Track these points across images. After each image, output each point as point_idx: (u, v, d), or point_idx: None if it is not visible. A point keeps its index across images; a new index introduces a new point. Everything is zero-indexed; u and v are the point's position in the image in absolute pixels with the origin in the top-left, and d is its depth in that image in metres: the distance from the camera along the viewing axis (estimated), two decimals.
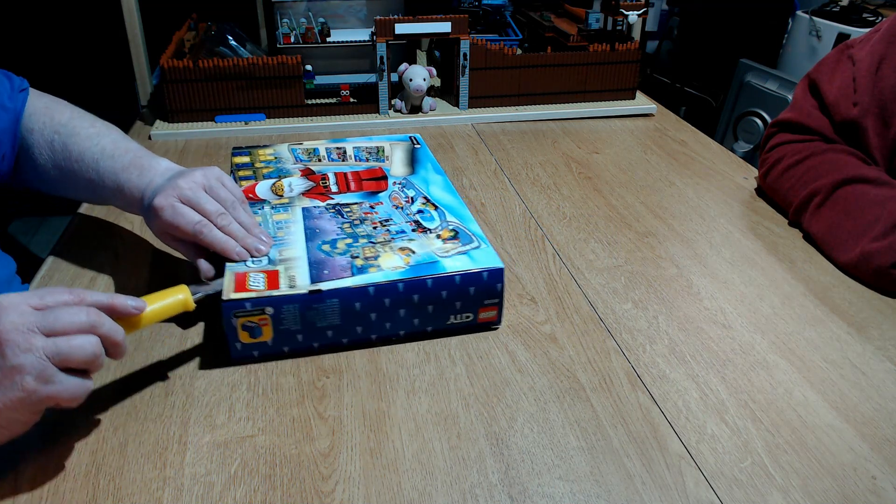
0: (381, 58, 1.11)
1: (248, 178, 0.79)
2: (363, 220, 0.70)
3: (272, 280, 0.60)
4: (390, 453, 0.52)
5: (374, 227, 0.69)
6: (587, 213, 0.88)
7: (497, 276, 0.63)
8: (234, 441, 0.53)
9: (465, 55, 1.14)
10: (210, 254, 0.64)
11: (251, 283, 0.60)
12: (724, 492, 0.50)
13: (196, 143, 1.08)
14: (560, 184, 0.96)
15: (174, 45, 1.14)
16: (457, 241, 0.66)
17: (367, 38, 1.19)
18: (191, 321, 0.66)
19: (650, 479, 0.50)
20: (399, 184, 0.78)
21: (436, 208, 0.73)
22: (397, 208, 0.73)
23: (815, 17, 2.04)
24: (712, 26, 2.30)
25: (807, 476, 0.51)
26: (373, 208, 0.73)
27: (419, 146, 0.87)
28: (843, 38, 1.95)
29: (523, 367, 0.61)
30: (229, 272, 0.62)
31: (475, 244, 0.66)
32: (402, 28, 1.10)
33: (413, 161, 0.83)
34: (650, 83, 2.43)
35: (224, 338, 0.60)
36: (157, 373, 0.60)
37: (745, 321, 0.68)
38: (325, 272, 0.62)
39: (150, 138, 1.09)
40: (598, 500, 0.49)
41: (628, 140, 1.11)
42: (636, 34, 1.23)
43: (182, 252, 0.66)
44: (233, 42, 1.19)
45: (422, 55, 1.41)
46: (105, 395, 0.57)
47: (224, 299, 0.58)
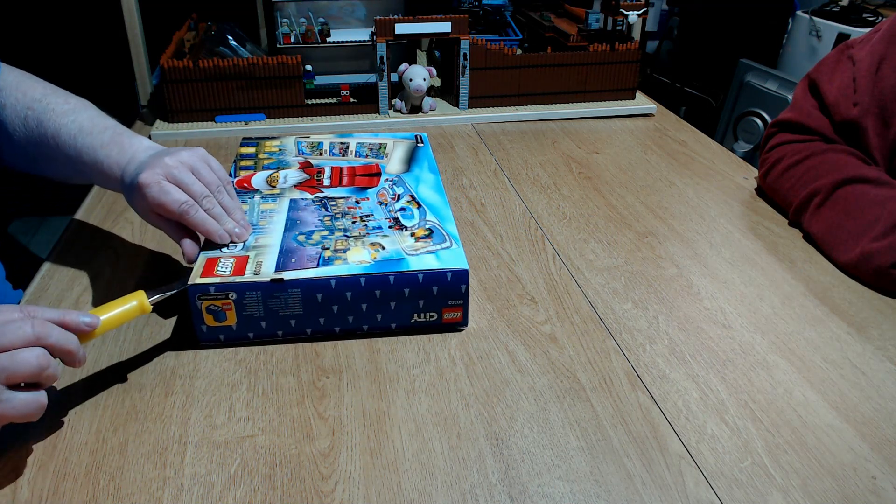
0: (381, 58, 1.11)
1: (248, 167, 0.80)
2: (345, 214, 0.70)
3: (239, 266, 0.61)
4: (390, 453, 0.52)
5: (354, 222, 0.69)
6: (587, 213, 0.88)
7: (462, 277, 0.63)
8: (234, 441, 0.53)
9: (465, 55, 1.14)
10: (194, 234, 0.65)
11: (219, 268, 0.61)
12: (724, 492, 0.50)
13: (196, 143, 1.08)
14: (560, 184, 0.96)
15: (174, 45, 1.14)
16: (429, 240, 0.66)
17: (367, 38, 1.19)
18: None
19: (650, 479, 0.50)
20: (391, 181, 0.78)
21: (419, 207, 0.73)
22: (381, 204, 0.73)
23: (815, 17, 2.04)
24: (712, 26, 2.30)
25: (807, 476, 0.51)
26: (358, 203, 0.73)
27: (422, 145, 0.87)
28: (843, 38, 1.95)
29: (523, 367, 0.61)
30: (203, 256, 0.63)
31: (447, 244, 0.66)
32: (402, 28, 1.10)
33: (411, 159, 0.83)
34: (650, 83, 2.43)
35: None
36: (158, 372, 0.60)
37: (745, 321, 0.68)
38: (293, 261, 0.62)
39: (150, 138, 1.09)
40: (598, 500, 0.49)
41: (628, 140, 1.11)
42: (636, 34, 1.23)
43: (165, 230, 0.65)
44: (233, 42, 1.20)
45: (422, 55, 1.41)
46: (105, 395, 0.57)
47: (189, 283, 0.59)
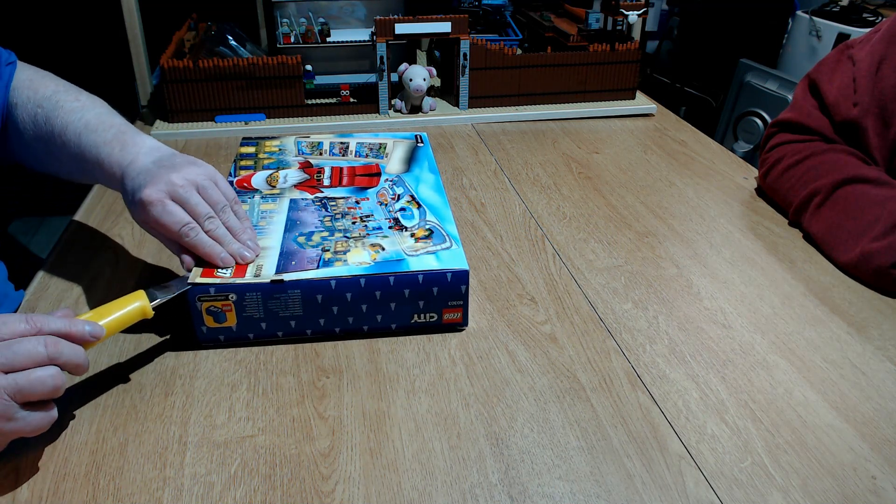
0: (381, 58, 1.11)
1: (248, 167, 0.80)
2: (345, 215, 0.70)
3: (240, 267, 0.61)
4: (390, 453, 0.52)
5: (354, 222, 0.69)
6: (587, 213, 0.88)
7: (462, 277, 0.63)
8: (234, 441, 0.53)
9: (465, 55, 1.14)
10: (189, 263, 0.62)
11: (219, 269, 0.61)
12: (724, 492, 0.50)
13: (196, 143, 1.08)
14: (560, 184, 0.96)
15: (174, 45, 1.14)
16: (429, 241, 0.66)
17: (367, 38, 1.19)
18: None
19: (650, 479, 0.50)
20: (391, 181, 0.78)
21: (419, 207, 0.72)
22: (381, 205, 0.73)
23: (815, 17, 2.04)
24: (712, 26, 2.30)
25: (807, 476, 0.51)
26: (358, 203, 0.73)
27: (422, 145, 0.87)
28: (843, 38, 1.95)
29: (523, 367, 0.61)
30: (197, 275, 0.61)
31: (447, 245, 0.66)
32: (402, 28, 1.10)
33: (411, 159, 0.83)
34: (650, 83, 2.43)
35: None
36: (158, 372, 0.60)
37: (745, 321, 0.68)
38: (293, 263, 0.62)
39: None
40: (598, 500, 0.49)
41: (628, 140, 1.11)
42: (636, 34, 1.23)
43: (164, 243, 0.64)
44: (233, 42, 1.20)
45: (422, 55, 1.41)
46: (105, 395, 0.57)
47: (189, 283, 0.59)
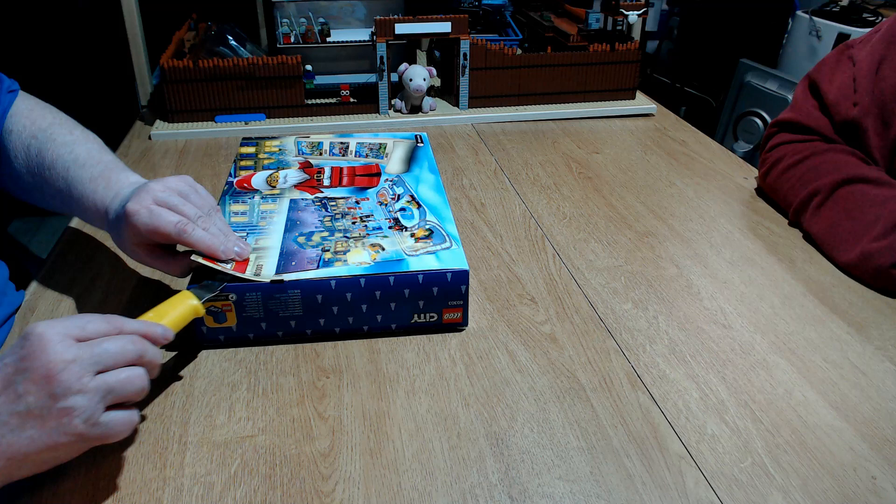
0: (381, 58, 1.11)
1: (248, 167, 0.80)
2: (345, 215, 0.70)
3: (240, 268, 0.61)
4: (390, 453, 0.52)
5: (354, 223, 0.69)
6: (587, 213, 0.88)
7: (462, 277, 0.63)
8: (234, 441, 0.53)
9: (465, 55, 1.14)
10: (184, 263, 0.62)
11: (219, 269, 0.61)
12: (724, 492, 0.50)
13: (196, 143, 1.08)
14: (560, 184, 0.96)
15: (174, 45, 1.14)
16: (429, 241, 0.66)
17: (367, 38, 1.19)
18: None
19: (650, 479, 0.50)
20: (391, 181, 0.78)
21: (419, 207, 0.72)
22: (381, 205, 0.73)
23: (815, 17, 2.04)
24: (712, 26, 2.30)
25: (807, 476, 0.51)
26: (358, 203, 0.73)
27: (422, 145, 0.87)
28: (843, 38, 1.95)
29: (523, 367, 0.61)
30: (202, 258, 0.60)
31: (447, 244, 0.66)
32: (402, 28, 1.10)
33: (411, 159, 0.83)
34: (650, 83, 2.44)
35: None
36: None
37: (745, 321, 0.68)
38: (293, 263, 0.62)
39: (150, 138, 1.09)
40: (598, 500, 0.49)
41: (628, 140, 1.11)
42: (636, 34, 1.23)
43: (155, 265, 0.62)
44: (233, 42, 1.20)
45: (422, 55, 1.41)
46: None
47: (189, 284, 0.59)
